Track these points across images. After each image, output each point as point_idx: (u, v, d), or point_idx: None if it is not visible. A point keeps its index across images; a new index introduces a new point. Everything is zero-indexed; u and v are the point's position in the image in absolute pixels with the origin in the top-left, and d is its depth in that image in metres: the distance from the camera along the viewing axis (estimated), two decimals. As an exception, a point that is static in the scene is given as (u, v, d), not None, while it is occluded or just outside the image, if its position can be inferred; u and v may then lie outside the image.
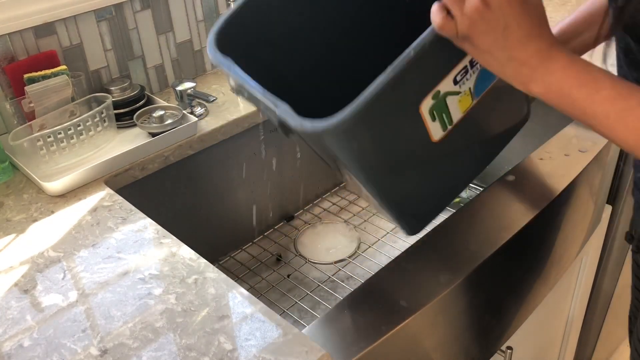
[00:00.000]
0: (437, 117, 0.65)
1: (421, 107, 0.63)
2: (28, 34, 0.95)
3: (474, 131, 0.75)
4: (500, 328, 0.90)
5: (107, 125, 0.97)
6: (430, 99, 0.63)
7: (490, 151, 0.83)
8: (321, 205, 1.26)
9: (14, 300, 0.68)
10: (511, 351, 0.90)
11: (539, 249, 0.91)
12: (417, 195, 0.73)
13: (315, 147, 0.66)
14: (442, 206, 0.79)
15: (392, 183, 0.68)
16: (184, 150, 0.99)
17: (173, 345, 0.61)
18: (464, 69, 0.64)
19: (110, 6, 1.03)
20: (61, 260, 0.74)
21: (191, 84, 1.04)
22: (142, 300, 0.67)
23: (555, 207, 0.84)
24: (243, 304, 0.66)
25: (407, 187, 0.70)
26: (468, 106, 0.68)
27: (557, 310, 1.15)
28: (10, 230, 0.80)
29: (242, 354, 0.59)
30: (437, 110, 0.65)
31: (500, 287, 0.84)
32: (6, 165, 0.90)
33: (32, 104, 0.92)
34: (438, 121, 0.65)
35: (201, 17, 1.17)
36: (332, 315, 0.66)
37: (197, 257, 0.73)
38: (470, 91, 0.67)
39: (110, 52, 1.06)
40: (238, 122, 1.05)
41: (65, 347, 0.62)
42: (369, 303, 0.67)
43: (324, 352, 0.59)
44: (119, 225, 0.79)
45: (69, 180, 0.86)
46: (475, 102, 0.68)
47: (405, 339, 0.67)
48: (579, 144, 0.94)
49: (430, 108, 0.63)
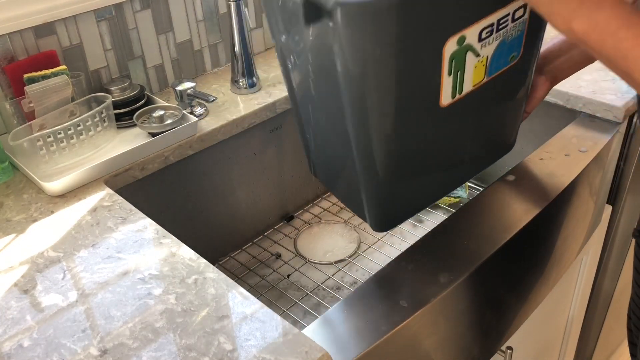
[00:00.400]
0: (453, 73, 0.64)
1: (445, 46, 0.62)
2: (28, 33, 0.95)
3: (471, 126, 0.75)
4: (500, 328, 0.90)
5: (107, 125, 0.97)
6: (455, 41, 0.62)
7: (467, 172, 0.84)
8: (321, 205, 1.26)
9: (13, 300, 0.68)
10: (511, 351, 0.90)
11: (539, 249, 0.91)
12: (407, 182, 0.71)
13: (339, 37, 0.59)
14: (415, 211, 0.79)
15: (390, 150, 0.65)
16: (184, 150, 0.99)
17: (173, 345, 0.61)
18: (490, 26, 0.64)
19: (110, 6, 1.03)
20: (61, 260, 0.74)
21: (191, 84, 1.04)
22: (142, 300, 0.67)
23: (556, 207, 0.84)
24: (243, 304, 0.66)
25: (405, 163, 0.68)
26: (479, 80, 0.68)
27: (557, 310, 1.15)
28: (10, 230, 0.80)
29: (242, 354, 0.59)
30: (456, 62, 0.64)
31: (500, 287, 0.84)
32: (6, 166, 0.90)
33: (32, 104, 0.92)
34: (452, 79, 0.65)
35: (201, 17, 1.17)
36: (332, 315, 0.66)
37: (197, 257, 0.73)
38: (486, 62, 0.67)
39: (110, 52, 1.06)
40: (238, 122, 1.05)
41: (65, 347, 0.62)
42: (369, 303, 0.67)
43: (324, 352, 0.59)
44: (119, 225, 0.79)
45: (69, 180, 0.86)
46: (485, 80, 0.68)
47: (405, 339, 0.67)
48: (579, 144, 0.94)
49: (452, 54, 0.63)
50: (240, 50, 1.13)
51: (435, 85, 0.64)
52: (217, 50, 1.22)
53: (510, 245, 0.76)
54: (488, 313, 0.83)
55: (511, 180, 0.86)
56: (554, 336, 1.22)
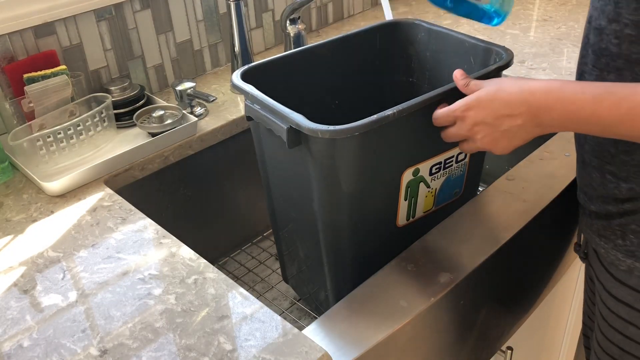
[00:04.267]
0: (408, 198, 0.77)
1: (404, 174, 0.74)
2: (28, 33, 0.95)
3: None
4: (500, 328, 0.90)
5: (107, 125, 0.97)
6: (411, 172, 0.74)
7: None
8: (321, 205, 1.26)
9: (13, 301, 0.68)
10: (511, 351, 0.90)
11: (539, 249, 0.91)
12: None
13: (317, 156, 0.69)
14: None
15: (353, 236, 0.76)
16: (183, 150, 0.99)
17: (173, 345, 0.61)
18: (439, 163, 0.77)
19: (110, 6, 1.03)
20: (61, 260, 0.74)
21: (191, 84, 1.04)
22: (141, 300, 0.67)
23: (556, 207, 0.84)
24: (243, 304, 0.66)
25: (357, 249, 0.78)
26: (429, 209, 0.81)
27: (557, 310, 1.14)
28: (9, 230, 0.80)
29: (242, 354, 0.59)
30: (411, 189, 0.76)
31: (500, 287, 0.84)
32: (6, 166, 0.90)
33: (32, 103, 0.92)
34: (407, 204, 0.77)
35: (201, 17, 1.17)
36: (332, 315, 0.66)
37: (197, 257, 0.73)
38: (435, 194, 0.80)
39: (110, 52, 1.06)
40: (238, 122, 1.05)
41: (64, 347, 0.62)
42: (369, 303, 0.67)
43: (324, 352, 0.59)
44: (119, 226, 0.79)
45: (69, 180, 0.86)
46: (434, 209, 0.81)
47: (405, 339, 0.67)
48: (579, 144, 0.94)
49: (408, 182, 0.75)
50: (240, 50, 1.13)
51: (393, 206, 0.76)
52: (217, 50, 1.22)
53: (510, 245, 0.76)
54: (488, 313, 0.83)
55: (511, 180, 0.86)
56: (554, 336, 1.22)
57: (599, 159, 0.71)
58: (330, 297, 0.84)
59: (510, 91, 0.64)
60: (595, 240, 0.76)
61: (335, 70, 0.89)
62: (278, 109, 0.69)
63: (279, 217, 0.88)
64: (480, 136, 0.68)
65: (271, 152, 0.80)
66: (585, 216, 0.78)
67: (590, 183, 0.74)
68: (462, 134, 0.70)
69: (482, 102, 0.66)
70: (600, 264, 0.76)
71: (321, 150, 0.68)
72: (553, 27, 1.32)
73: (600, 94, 0.58)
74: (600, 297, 0.78)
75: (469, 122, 0.68)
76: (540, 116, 0.63)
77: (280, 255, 0.95)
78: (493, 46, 0.80)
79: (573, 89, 0.61)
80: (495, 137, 0.67)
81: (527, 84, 0.64)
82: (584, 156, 0.74)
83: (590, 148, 0.72)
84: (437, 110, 0.70)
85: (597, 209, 0.74)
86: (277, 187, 0.84)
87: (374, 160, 0.70)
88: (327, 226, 0.75)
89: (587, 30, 0.71)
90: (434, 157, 0.76)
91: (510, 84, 0.65)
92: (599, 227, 0.75)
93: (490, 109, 0.66)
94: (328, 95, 0.90)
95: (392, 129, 0.69)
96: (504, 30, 1.31)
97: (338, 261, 0.78)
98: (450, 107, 0.69)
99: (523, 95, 0.63)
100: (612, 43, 0.64)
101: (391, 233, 0.79)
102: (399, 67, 0.93)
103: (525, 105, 0.63)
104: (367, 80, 0.93)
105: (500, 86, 0.66)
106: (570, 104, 0.60)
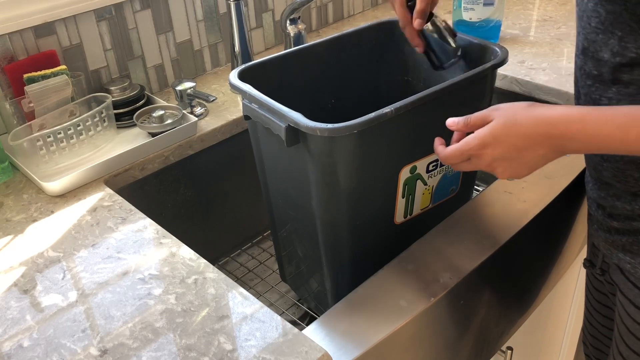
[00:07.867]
0: (406, 195, 0.77)
1: (401, 172, 0.74)
2: (28, 33, 0.95)
3: None
4: (500, 328, 0.90)
5: (107, 125, 0.97)
6: (408, 169, 0.75)
7: None
8: (321, 205, 1.26)
9: (13, 301, 0.68)
10: (511, 351, 0.90)
11: (539, 249, 0.91)
12: None
13: (315, 154, 0.69)
14: None
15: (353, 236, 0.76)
16: (184, 150, 0.99)
17: (173, 345, 0.61)
18: (435, 161, 0.78)
19: (110, 6, 1.03)
20: (61, 260, 0.74)
21: (191, 84, 1.04)
22: (142, 300, 0.67)
23: (556, 207, 0.84)
24: (243, 304, 0.66)
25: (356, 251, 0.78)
26: (426, 206, 0.81)
27: (557, 310, 1.15)
28: (9, 230, 0.80)
29: (242, 354, 0.59)
30: (409, 187, 0.77)
31: (500, 287, 0.84)
32: (6, 166, 0.90)
33: (32, 103, 0.92)
34: (404, 202, 0.78)
35: (201, 17, 1.17)
36: (332, 315, 0.66)
37: (197, 257, 0.73)
38: (432, 192, 0.81)
39: (110, 52, 1.06)
40: (238, 122, 1.05)
41: (65, 347, 0.62)
42: (369, 303, 0.67)
43: (324, 352, 0.59)
44: (119, 225, 0.79)
45: (69, 180, 0.86)
46: (431, 207, 0.82)
47: (405, 339, 0.67)
48: (579, 144, 0.94)
49: (405, 179, 0.76)
50: (240, 50, 1.13)
51: (391, 204, 0.77)
52: (217, 50, 1.22)
53: (510, 245, 0.76)
54: (488, 313, 0.83)
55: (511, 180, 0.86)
56: (554, 336, 1.22)
57: (623, 183, 0.69)
58: (329, 296, 0.84)
59: (527, 125, 0.61)
60: (618, 255, 0.74)
61: (331, 69, 0.89)
62: (276, 108, 0.69)
63: (277, 217, 0.88)
64: (501, 170, 0.65)
65: (269, 151, 0.80)
66: (603, 232, 0.76)
67: (614, 204, 0.72)
68: (480, 169, 0.67)
69: (498, 139, 0.62)
70: (627, 279, 0.74)
71: (319, 148, 0.68)
72: (553, 27, 1.32)
73: (626, 123, 0.56)
74: (627, 311, 0.75)
75: (487, 159, 0.64)
76: (564, 145, 0.60)
77: (278, 254, 0.95)
78: (488, 44, 0.80)
79: (596, 118, 0.58)
80: (516, 169, 0.64)
81: (542, 114, 0.60)
82: (604, 179, 0.72)
83: (611, 174, 0.70)
84: (446, 150, 0.67)
85: (621, 226, 0.72)
86: (275, 186, 0.84)
87: (372, 157, 0.70)
88: (325, 224, 0.75)
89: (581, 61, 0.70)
90: (430, 154, 0.76)
91: (524, 115, 0.61)
92: (624, 243, 0.73)
93: (509, 143, 0.62)
94: (324, 94, 0.91)
95: (389, 126, 0.69)
96: (504, 30, 1.31)
97: (336, 259, 0.78)
98: (462, 147, 0.65)
99: (542, 127, 0.60)
100: None
101: (389, 230, 0.79)
102: (395, 66, 0.93)
103: (546, 138, 0.60)
104: (363, 79, 0.93)
105: (515, 118, 0.62)
106: (594, 137, 0.58)
